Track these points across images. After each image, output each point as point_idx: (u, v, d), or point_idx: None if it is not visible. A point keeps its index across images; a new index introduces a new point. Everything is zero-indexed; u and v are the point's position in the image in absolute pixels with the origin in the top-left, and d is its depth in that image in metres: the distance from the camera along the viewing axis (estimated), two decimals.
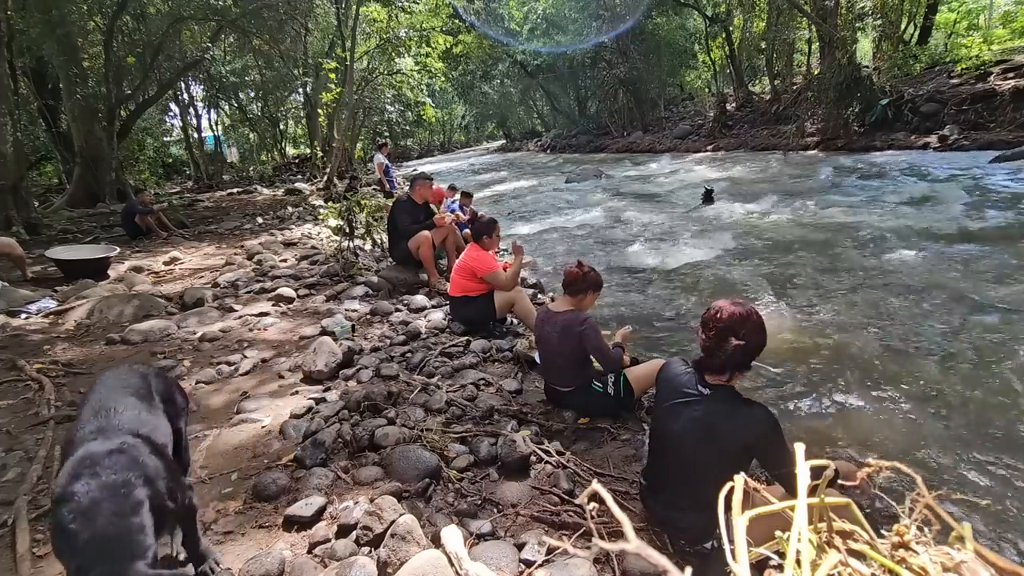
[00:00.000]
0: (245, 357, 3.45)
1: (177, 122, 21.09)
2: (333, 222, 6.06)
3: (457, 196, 7.74)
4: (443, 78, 22.20)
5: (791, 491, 1.50)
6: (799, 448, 0.70)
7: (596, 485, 0.57)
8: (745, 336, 1.67)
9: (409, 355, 3.41)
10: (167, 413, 1.66)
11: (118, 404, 1.51)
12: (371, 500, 1.89)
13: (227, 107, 24.48)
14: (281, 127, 25.45)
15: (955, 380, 3.03)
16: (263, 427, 2.62)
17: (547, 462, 2.27)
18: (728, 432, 1.67)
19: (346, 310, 4.38)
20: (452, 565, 1.60)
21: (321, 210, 8.15)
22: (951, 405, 2.81)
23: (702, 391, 1.75)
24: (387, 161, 11.18)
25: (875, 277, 4.72)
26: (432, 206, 5.55)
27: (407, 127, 28.42)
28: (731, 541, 0.58)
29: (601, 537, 0.53)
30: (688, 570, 0.48)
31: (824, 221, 6.88)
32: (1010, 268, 4.54)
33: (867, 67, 14.69)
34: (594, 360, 2.82)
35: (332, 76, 13.90)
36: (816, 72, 15.30)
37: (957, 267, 4.73)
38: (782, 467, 1.61)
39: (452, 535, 1.72)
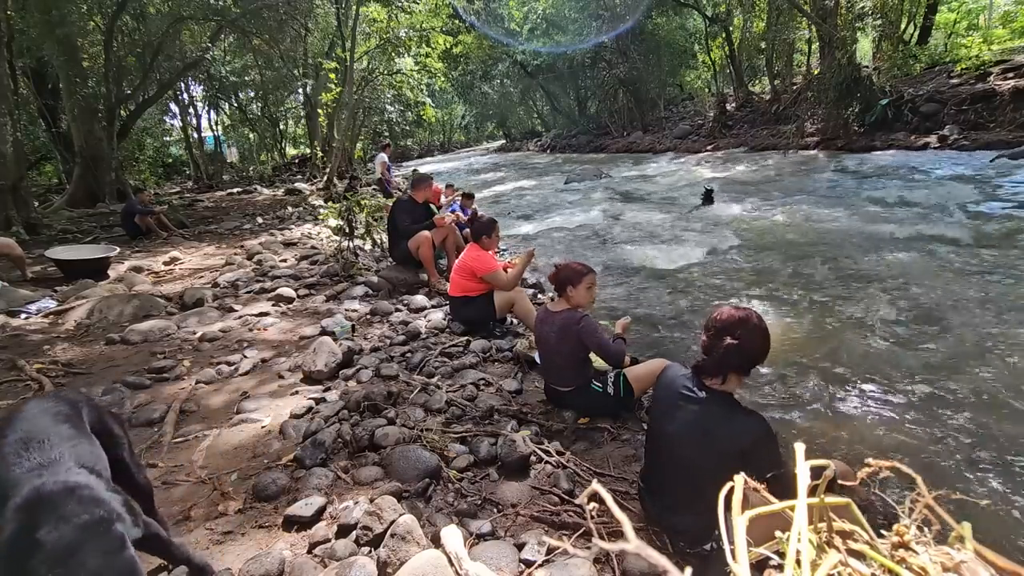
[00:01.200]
0: (245, 357, 3.45)
1: (177, 122, 21.13)
2: (333, 222, 6.06)
3: (458, 196, 7.74)
4: (443, 78, 22.21)
5: (782, 498, 1.50)
6: (799, 448, 0.70)
7: (596, 485, 0.57)
8: (740, 336, 1.68)
9: (409, 355, 3.41)
10: (103, 444, 1.48)
11: (51, 435, 1.31)
12: (371, 500, 1.89)
13: (227, 107, 24.48)
14: (281, 127, 25.46)
15: (955, 380, 3.02)
16: (263, 427, 2.62)
17: (547, 462, 2.27)
18: (724, 437, 1.67)
19: (346, 310, 4.38)
20: (452, 565, 1.60)
21: (321, 210, 8.15)
22: (951, 405, 2.81)
23: (698, 393, 1.75)
24: (389, 161, 11.27)
25: (875, 277, 4.72)
26: (432, 206, 5.55)
27: (407, 127, 28.44)
28: (731, 541, 0.58)
29: (601, 537, 0.53)
30: (688, 570, 0.48)
31: (824, 221, 6.88)
32: (1010, 268, 4.54)
33: (867, 67, 14.70)
34: (594, 360, 2.82)
35: (332, 76, 13.91)
36: (816, 72, 15.30)
37: (957, 267, 4.73)
38: (778, 480, 1.59)
39: (452, 535, 1.72)
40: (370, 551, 1.71)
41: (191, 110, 20.57)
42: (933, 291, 4.24)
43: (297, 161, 23.66)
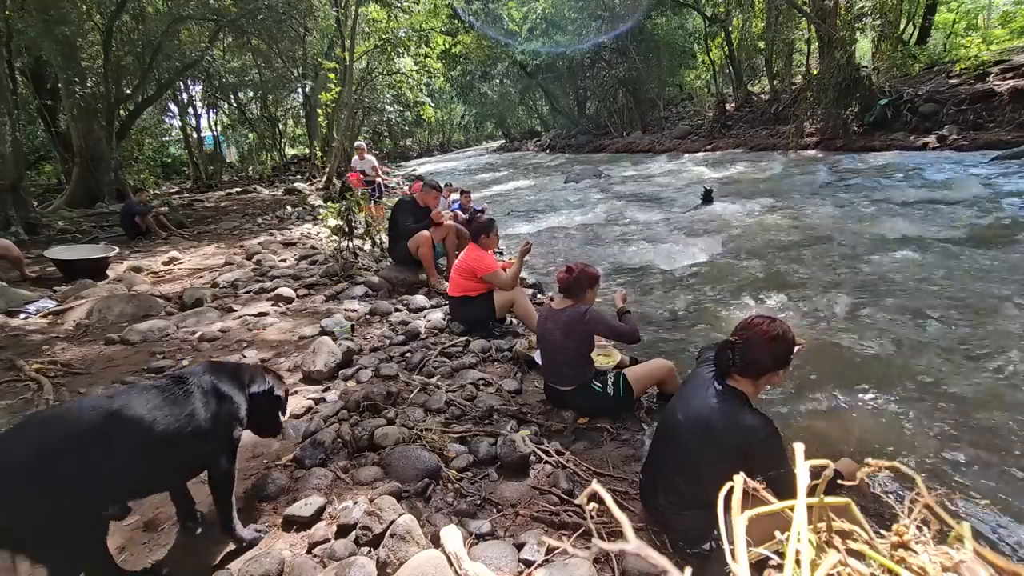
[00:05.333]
0: (244, 357, 3.44)
1: (176, 122, 21.07)
2: (332, 222, 6.06)
3: (456, 196, 7.74)
4: (442, 78, 22.19)
5: (782, 496, 1.49)
6: (799, 448, 0.70)
7: (595, 485, 0.57)
8: (744, 338, 1.73)
9: (408, 355, 3.41)
10: None
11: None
12: (370, 500, 1.89)
13: (226, 107, 24.44)
14: (280, 127, 25.43)
15: (955, 380, 3.03)
16: None
17: (547, 462, 2.27)
18: (725, 433, 1.68)
19: (345, 310, 4.37)
20: (451, 565, 1.60)
21: (320, 210, 8.14)
22: (951, 405, 2.81)
23: (716, 387, 1.79)
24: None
25: (874, 277, 4.72)
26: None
27: (406, 127, 28.42)
28: (730, 541, 0.58)
29: (601, 537, 0.53)
30: (688, 570, 0.48)
31: (823, 221, 6.88)
32: (1009, 268, 4.55)
33: (866, 67, 14.69)
34: (595, 359, 2.82)
35: (331, 76, 13.90)
36: (815, 72, 15.29)
37: (956, 267, 4.74)
38: (778, 480, 1.60)
39: (451, 535, 1.72)
40: (370, 551, 1.71)
41: (190, 110, 20.56)
42: (932, 291, 4.25)
43: (296, 161, 23.64)
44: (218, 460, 1.73)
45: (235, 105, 23.79)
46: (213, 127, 24.31)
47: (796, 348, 1.74)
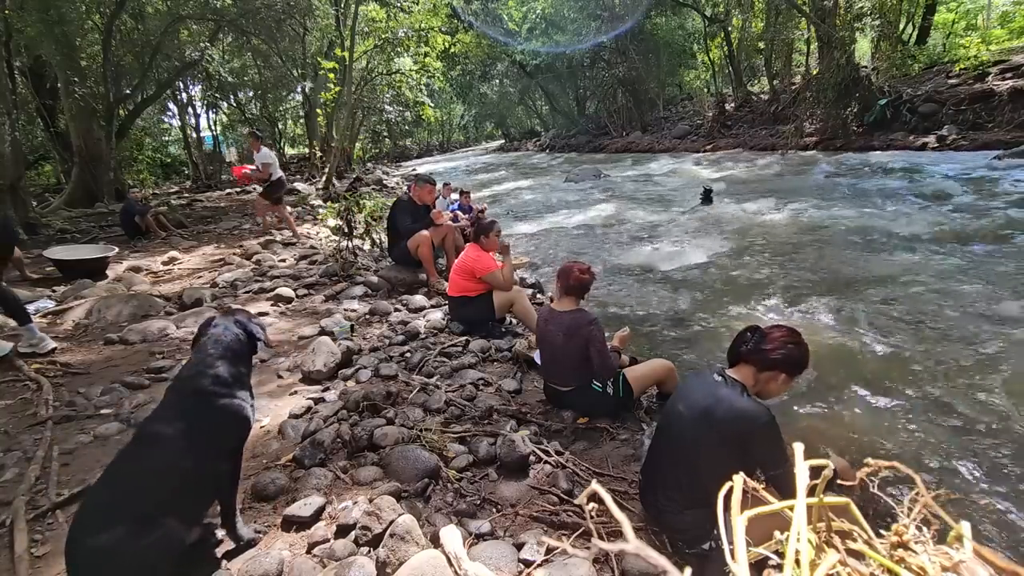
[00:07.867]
0: None
1: (175, 122, 21.03)
2: (332, 222, 6.05)
3: (456, 196, 7.73)
4: (441, 78, 22.18)
5: (785, 495, 1.51)
6: (798, 448, 0.70)
7: (595, 485, 0.57)
8: (768, 329, 1.83)
9: (408, 355, 3.41)
10: None
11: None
12: (370, 500, 1.89)
13: (225, 107, 24.41)
14: (280, 127, 25.40)
15: (955, 380, 3.03)
16: (262, 427, 2.62)
17: (546, 462, 2.27)
18: (724, 419, 1.70)
19: (345, 310, 4.37)
20: (451, 565, 1.60)
21: (320, 210, 8.12)
22: (951, 405, 2.81)
23: (716, 378, 1.82)
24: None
25: (873, 277, 4.72)
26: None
27: (406, 127, 28.41)
28: (730, 541, 0.58)
29: (600, 537, 0.53)
30: (687, 570, 0.48)
31: (822, 221, 6.89)
32: (1009, 268, 4.55)
33: (865, 67, 14.71)
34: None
35: (331, 76, 13.87)
36: (815, 72, 15.31)
37: (955, 267, 4.74)
38: (777, 468, 1.62)
39: (451, 535, 1.72)
40: (369, 551, 1.71)
41: (190, 110, 20.51)
42: (932, 291, 4.25)
43: (296, 161, 23.63)
44: (217, 459, 1.74)
45: (234, 105, 23.75)
46: (212, 127, 24.27)
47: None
